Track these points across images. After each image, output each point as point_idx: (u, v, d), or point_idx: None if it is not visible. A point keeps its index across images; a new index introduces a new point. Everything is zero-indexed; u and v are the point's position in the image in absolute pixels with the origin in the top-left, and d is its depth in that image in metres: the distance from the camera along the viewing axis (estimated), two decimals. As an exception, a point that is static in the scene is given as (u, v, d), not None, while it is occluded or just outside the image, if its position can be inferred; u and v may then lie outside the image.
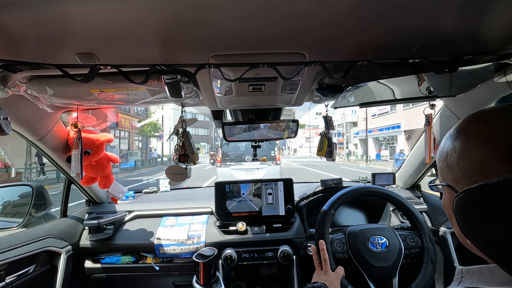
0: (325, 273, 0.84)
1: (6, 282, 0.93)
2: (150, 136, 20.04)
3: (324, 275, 0.83)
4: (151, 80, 0.72)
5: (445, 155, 0.38)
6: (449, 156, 0.37)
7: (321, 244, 0.88)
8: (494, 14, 0.50)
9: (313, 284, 0.72)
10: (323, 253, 0.87)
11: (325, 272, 0.84)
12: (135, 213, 1.38)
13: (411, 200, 1.44)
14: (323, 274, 0.84)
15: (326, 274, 0.83)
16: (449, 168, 0.37)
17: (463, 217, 0.32)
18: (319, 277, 0.84)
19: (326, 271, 0.84)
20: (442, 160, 0.39)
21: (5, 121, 0.66)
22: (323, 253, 0.87)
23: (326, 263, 0.85)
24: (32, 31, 0.49)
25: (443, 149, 0.39)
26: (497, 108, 0.36)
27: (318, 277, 0.84)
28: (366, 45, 0.60)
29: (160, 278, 1.32)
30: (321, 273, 0.84)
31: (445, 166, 0.38)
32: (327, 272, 0.84)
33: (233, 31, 0.52)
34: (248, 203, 1.34)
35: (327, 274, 0.83)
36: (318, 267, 0.87)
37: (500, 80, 0.74)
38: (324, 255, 0.87)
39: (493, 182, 0.28)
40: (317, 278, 0.83)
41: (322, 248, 0.88)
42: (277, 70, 0.61)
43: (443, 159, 0.38)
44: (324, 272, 0.84)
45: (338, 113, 28.84)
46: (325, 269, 0.84)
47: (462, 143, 0.35)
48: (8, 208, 1.32)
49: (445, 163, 0.38)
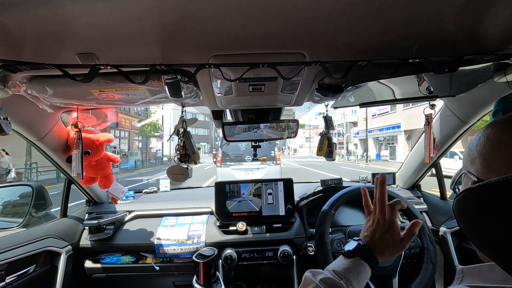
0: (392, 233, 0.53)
1: (6, 282, 0.93)
2: (150, 136, 20.04)
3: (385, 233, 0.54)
4: (151, 80, 0.72)
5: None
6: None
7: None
8: (494, 14, 0.50)
9: (358, 243, 0.54)
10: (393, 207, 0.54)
11: (390, 230, 0.53)
12: (135, 213, 1.38)
13: (411, 200, 1.44)
14: (385, 231, 0.54)
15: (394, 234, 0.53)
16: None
17: (463, 217, 0.32)
18: (375, 233, 0.55)
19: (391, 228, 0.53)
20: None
21: (5, 121, 0.66)
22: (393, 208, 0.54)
23: (381, 203, 0.55)
24: (32, 31, 0.49)
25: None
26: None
27: (370, 233, 0.56)
28: (366, 45, 0.60)
29: (160, 278, 1.32)
30: (382, 230, 0.54)
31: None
32: (394, 233, 0.53)
33: (233, 31, 0.52)
34: (248, 203, 1.34)
35: (394, 236, 0.53)
36: (374, 214, 0.57)
37: (500, 80, 0.74)
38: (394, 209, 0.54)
39: (493, 182, 0.28)
40: (368, 234, 0.56)
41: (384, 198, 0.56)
42: (277, 70, 0.61)
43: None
44: (379, 212, 0.55)
45: (338, 113, 28.86)
46: (380, 209, 0.55)
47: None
48: (8, 208, 1.32)
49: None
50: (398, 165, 1.67)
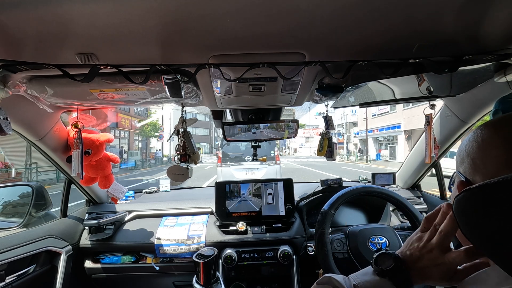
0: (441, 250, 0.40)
1: (6, 282, 0.93)
2: (150, 136, 20.04)
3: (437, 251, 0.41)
4: (151, 80, 0.72)
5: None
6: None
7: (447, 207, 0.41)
8: (494, 14, 0.50)
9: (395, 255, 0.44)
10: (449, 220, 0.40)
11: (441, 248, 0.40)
12: (135, 213, 1.38)
13: (411, 200, 1.44)
14: (436, 250, 0.41)
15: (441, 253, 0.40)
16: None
17: (463, 217, 0.32)
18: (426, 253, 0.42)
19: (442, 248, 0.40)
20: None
21: (5, 121, 0.66)
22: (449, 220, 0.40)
23: (446, 238, 0.40)
24: (32, 31, 0.49)
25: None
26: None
27: (419, 251, 0.43)
28: (366, 45, 0.60)
29: (160, 278, 1.32)
30: (434, 249, 0.41)
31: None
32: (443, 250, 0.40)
33: (233, 31, 0.52)
34: (248, 203, 1.34)
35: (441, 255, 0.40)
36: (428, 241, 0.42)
37: (500, 80, 0.74)
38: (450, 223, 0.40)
39: (493, 182, 0.28)
40: (417, 251, 0.43)
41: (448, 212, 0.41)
42: (277, 70, 0.61)
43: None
44: (437, 243, 0.40)
45: (338, 113, 28.84)
46: (440, 242, 0.40)
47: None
48: (8, 208, 1.32)
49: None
50: (398, 165, 1.67)
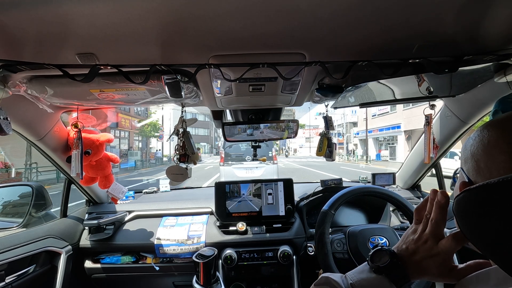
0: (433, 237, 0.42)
1: (6, 282, 0.93)
2: (150, 136, 20.03)
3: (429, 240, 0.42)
4: (151, 80, 0.72)
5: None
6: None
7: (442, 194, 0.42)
8: (494, 14, 0.50)
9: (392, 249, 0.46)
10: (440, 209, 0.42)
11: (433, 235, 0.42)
12: (135, 213, 1.38)
13: (411, 200, 1.44)
14: (429, 239, 0.42)
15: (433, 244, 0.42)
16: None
17: (463, 217, 0.32)
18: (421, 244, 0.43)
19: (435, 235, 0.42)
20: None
21: (5, 121, 0.66)
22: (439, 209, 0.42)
23: (438, 226, 0.42)
24: (32, 31, 0.49)
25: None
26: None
27: (415, 242, 0.44)
28: (366, 45, 0.60)
29: (160, 278, 1.32)
30: (427, 237, 0.43)
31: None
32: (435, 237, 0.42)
33: (233, 31, 0.52)
34: (248, 203, 1.34)
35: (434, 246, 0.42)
36: (422, 232, 0.44)
37: (500, 80, 0.74)
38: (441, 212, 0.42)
39: (493, 182, 0.28)
40: (408, 248, 0.44)
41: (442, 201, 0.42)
42: (277, 70, 0.61)
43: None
44: (431, 233, 0.42)
45: (338, 113, 28.83)
46: (433, 231, 0.42)
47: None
48: (8, 208, 1.32)
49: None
50: (398, 165, 1.67)
